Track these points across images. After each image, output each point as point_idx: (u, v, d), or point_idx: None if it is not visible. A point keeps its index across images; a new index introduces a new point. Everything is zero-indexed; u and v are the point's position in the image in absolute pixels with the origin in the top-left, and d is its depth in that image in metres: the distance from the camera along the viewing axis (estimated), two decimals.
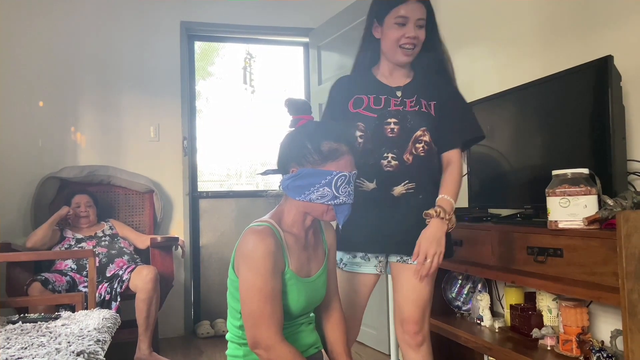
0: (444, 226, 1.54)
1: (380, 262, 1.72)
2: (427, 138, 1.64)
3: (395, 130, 1.62)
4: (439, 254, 1.53)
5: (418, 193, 1.63)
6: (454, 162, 1.67)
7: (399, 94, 1.68)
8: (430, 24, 1.66)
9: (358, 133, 1.65)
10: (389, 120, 1.64)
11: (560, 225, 1.68)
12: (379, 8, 1.67)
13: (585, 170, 1.70)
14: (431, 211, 1.56)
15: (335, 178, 1.33)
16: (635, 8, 1.93)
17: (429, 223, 1.56)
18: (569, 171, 1.72)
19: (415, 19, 1.62)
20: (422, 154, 1.64)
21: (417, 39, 1.63)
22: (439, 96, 1.69)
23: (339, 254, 1.72)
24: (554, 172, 1.76)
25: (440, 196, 1.60)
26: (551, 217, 1.72)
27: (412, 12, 1.61)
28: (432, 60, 1.72)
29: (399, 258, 1.69)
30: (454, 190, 1.62)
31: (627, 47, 1.94)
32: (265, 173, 1.50)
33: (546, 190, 1.75)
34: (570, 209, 1.66)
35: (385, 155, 1.62)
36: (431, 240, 1.52)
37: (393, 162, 1.62)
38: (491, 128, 2.35)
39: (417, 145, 1.64)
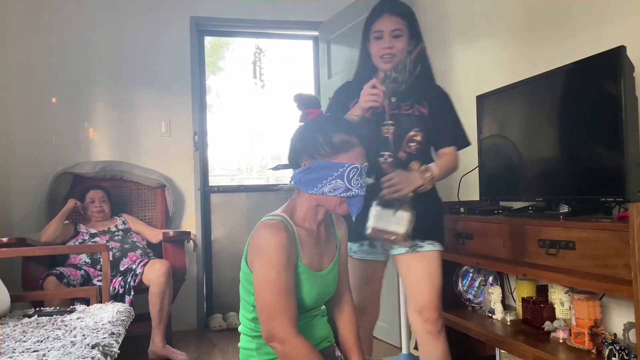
0: (419, 180, 1.68)
1: (385, 250, 1.85)
2: (419, 138, 1.78)
3: (390, 131, 1.77)
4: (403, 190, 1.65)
5: None
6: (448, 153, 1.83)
7: (393, 99, 1.82)
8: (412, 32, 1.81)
9: None
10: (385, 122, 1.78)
11: None
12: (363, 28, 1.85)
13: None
14: (416, 164, 1.70)
15: (348, 170, 1.33)
16: None
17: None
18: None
19: (389, 30, 1.76)
20: (414, 152, 1.79)
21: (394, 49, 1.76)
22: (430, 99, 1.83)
23: (349, 244, 1.77)
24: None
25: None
26: None
27: (386, 26, 1.77)
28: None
29: (407, 249, 1.76)
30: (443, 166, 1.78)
31: None
32: (277, 168, 1.50)
33: None
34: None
35: (382, 153, 1.77)
36: (406, 177, 1.66)
37: (389, 160, 1.77)
38: (503, 120, 2.34)
39: (410, 144, 1.78)
